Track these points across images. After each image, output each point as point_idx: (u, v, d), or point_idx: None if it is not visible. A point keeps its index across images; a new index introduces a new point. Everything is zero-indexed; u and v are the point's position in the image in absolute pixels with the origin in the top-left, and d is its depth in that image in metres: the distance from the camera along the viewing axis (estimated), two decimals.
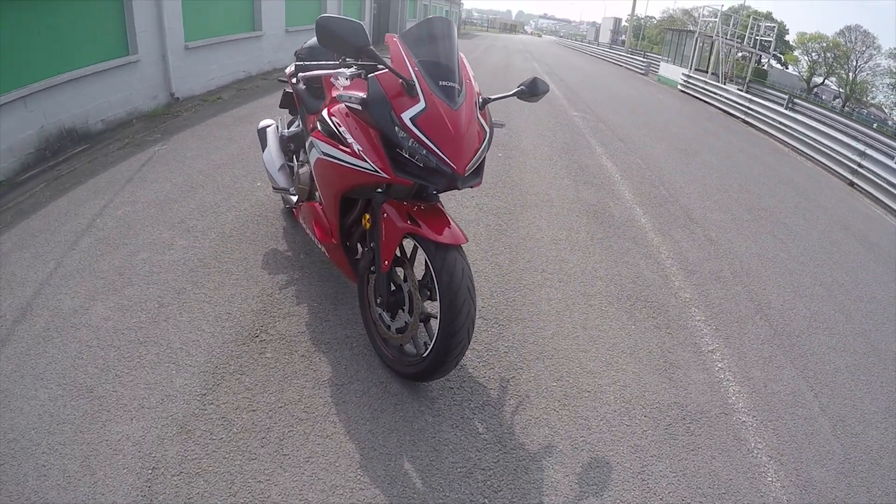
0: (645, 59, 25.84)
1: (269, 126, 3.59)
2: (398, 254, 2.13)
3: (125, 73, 5.89)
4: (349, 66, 2.08)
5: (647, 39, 43.36)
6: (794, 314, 3.61)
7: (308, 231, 2.86)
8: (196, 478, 1.80)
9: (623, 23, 46.76)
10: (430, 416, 2.16)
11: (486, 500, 1.83)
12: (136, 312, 2.63)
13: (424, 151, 1.84)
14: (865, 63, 37.68)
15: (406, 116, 1.85)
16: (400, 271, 2.22)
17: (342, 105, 2.13)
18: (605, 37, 47.71)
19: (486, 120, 2.09)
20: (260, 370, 2.31)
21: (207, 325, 2.58)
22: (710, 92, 15.35)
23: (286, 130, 3.42)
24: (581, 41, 51.69)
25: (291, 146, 3.43)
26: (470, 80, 2.05)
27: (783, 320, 3.49)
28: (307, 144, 2.51)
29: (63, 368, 2.23)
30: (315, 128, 2.59)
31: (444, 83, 1.91)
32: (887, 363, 3.29)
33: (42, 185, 4.11)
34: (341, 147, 2.10)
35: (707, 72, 18.39)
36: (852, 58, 37.77)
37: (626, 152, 7.28)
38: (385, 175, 1.93)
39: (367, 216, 2.20)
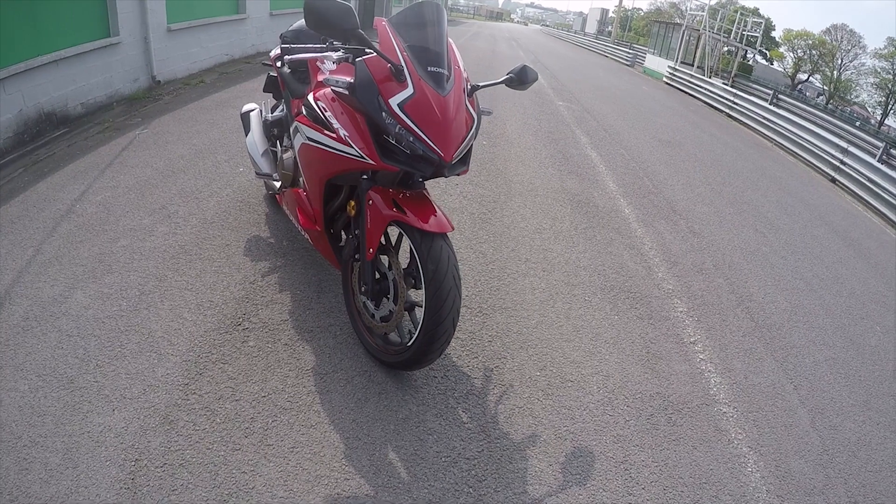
0: (631, 51, 25.91)
1: (252, 110, 3.51)
2: (383, 241, 2.10)
3: (106, 55, 5.73)
4: (336, 50, 2.03)
5: (633, 31, 43.46)
6: (775, 307, 3.67)
7: (291, 218, 2.82)
8: (180, 469, 1.78)
9: (610, 13, 46.75)
10: (415, 405, 2.15)
11: (470, 489, 1.84)
12: (117, 300, 2.57)
13: (412, 138, 1.81)
14: (850, 62, 38.31)
15: (394, 102, 1.82)
16: (385, 259, 2.19)
17: (328, 89, 2.09)
18: (591, 27, 47.74)
19: (473, 107, 2.06)
20: (243, 359, 2.28)
21: (189, 313, 2.54)
22: (696, 85, 15.46)
23: (270, 115, 3.36)
24: (567, 31, 51.63)
25: (275, 131, 3.36)
26: (458, 67, 2.02)
27: (764, 313, 3.55)
28: (292, 129, 2.46)
29: (43, 359, 2.18)
30: (300, 112, 2.54)
31: (432, 69, 1.88)
32: (865, 357, 3.37)
33: (20, 169, 4.01)
34: (327, 132, 2.06)
35: (693, 65, 18.49)
36: (837, 56, 38.32)
37: (611, 143, 7.30)
38: (371, 161, 1.90)
39: (352, 203, 2.17)
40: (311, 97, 2.21)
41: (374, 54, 1.90)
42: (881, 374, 3.24)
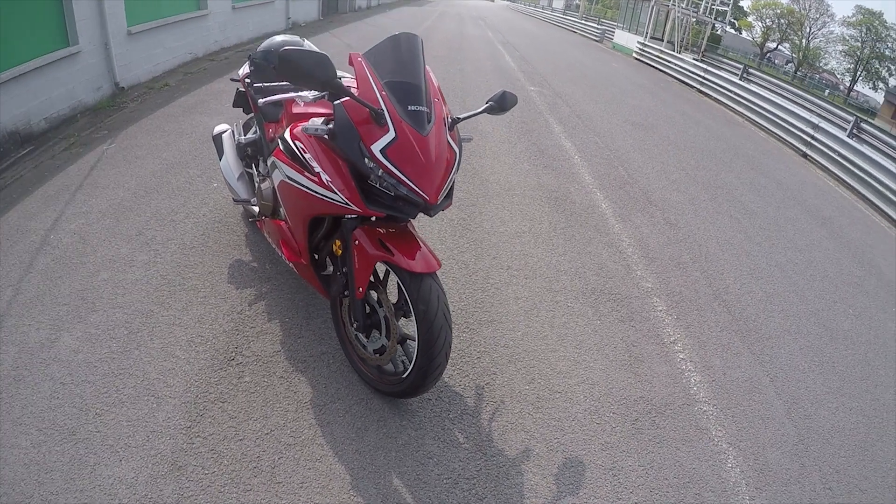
0: (599, 26, 26.03)
1: (224, 132, 3.51)
2: (372, 279, 2.17)
3: (66, 65, 5.62)
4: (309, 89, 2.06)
5: (601, 3, 43.46)
6: (751, 298, 3.88)
7: (274, 246, 2.86)
8: None
9: None
10: (413, 429, 2.28)
11: None
12: (106, 342, 2.58)
13: (395, 182, 1.87)
14: (819, 30, 39.14)
15: (376, 148, 1.85)
16: (374, 293, 2.26)
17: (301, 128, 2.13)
18: (558, 2, 47.63)
19: (455, 140, 2.09)
20: (241, 396, 2.36)
21: (181, 350, 2.57)
22: (666, 61, 15.69)
23: (242, 137, 3.35)
24: (534, 6, 51.39)
25: (248, 151, 3.37)
26: (439, 101, 2.05)
27: (740, 305, 3.75)
28: (269, 162, 2.49)
29: (40, 410, 2.20)
30: (275, 141, 2.56)
31: (412, 108, 1.91)
32: (838, 342, 3.60)
33: None
34: (307, 174, 2.10)
35: (663, 40, 18.69)
36: (806, 24, 39.03)
37: (585, 130, 7.45)
38: (356, 208, 1.95)
39: (338, 242, 2.22)
40: (287, 135, 2.24)
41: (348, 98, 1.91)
42: (853, 358, 3.47)
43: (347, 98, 1.91)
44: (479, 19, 27.98)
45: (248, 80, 3.22)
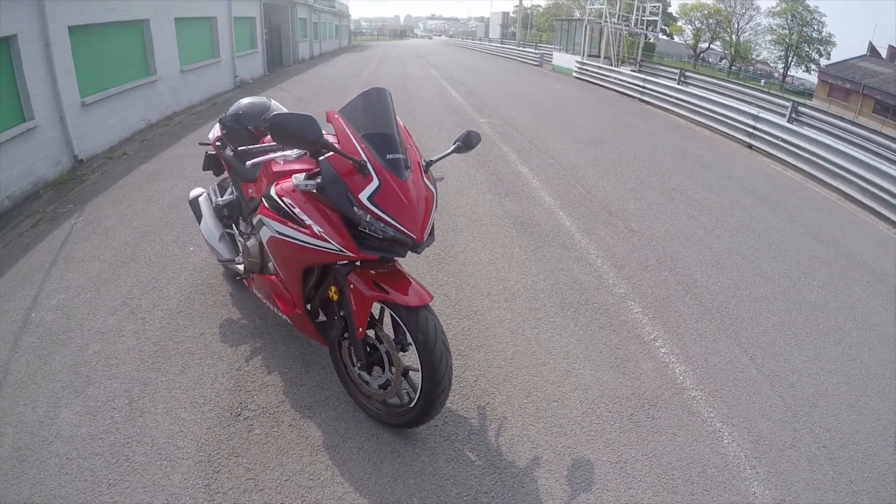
0: (537, 51, 27.14)
1: (200, 196, 3.62)
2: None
3: (24, 141, 5.69)
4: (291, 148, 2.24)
5: (535, 28, 45.28)
6: (719, 287, 4.14)
7: (266, 302, 2.95)
8: None
9: (511, 14, 48.57)
10: (426, 456, 2.39)
11: None
12: (108, 413, 2.61)
13: (383, 225, 2.04)
14: (747, 24, 41.35)
15: (363, 196, 2.03)
16: (371, 332, 2.39)
17: (288, 184, 2.28)
18: (494, 32, 49.63)
19: (430, 181, 2.29)
20: (254, 448, 2.42)
21: (185, 412, 2.62)
22: (605, 76, 16.49)
23: (220, 199, 3.47)
24: (472, 39, 53.19)
25: (225, 212, 3.49)
26: (412, 147, 2.25)
27: (710, 295, 4.00)
28: (255, 221, 2.62)
29: (50, 488, 2.20)
30: (256, 203, 2.69)
31: (390, 156, 2.08)
32: (808, 314, 3.87)
33: None
34: (298, 227, 2.24)
35: (599, 56, 19.65)
36: (733, 21, 41.29)
37: (538, 154, 7.77)
38: (351, 254, 2.11)
39: (334, 289, 2.35)
40: (273, 192, 2.38)
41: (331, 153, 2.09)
42: (825, 326, 3.74)
43: (331, 153, 2.09)
44: (420, 58, 28.76)
45: (218, 143, 3.35)
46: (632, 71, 16.35)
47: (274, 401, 2.71)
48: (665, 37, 44.16)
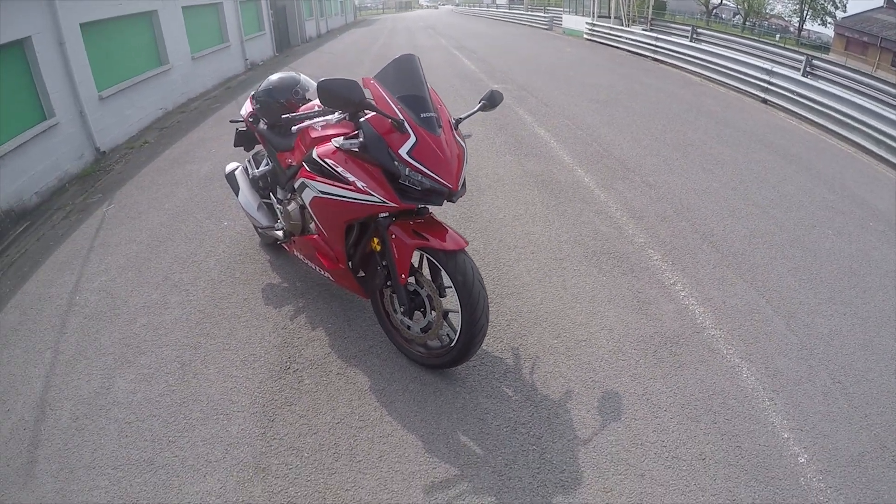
0: (546, 14, 26.65)
1: (235, 169, 3.81)
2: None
3: (47, 138, 5.89)
4: (332, 112, 2.41)
5: None
6: (735, 235, 4.24)
7: (308, 262, 3.14)
8: None
9: None
10: (466, 393, 2.59)
11: (533, 447, 2.30)
12: (161, 378, 2.78)
13: (421, 177, 2.22)
14: None
15: (402, 151, 2.21)
16: (411, 278, 2.56)
17: (330, 146, 2.45)
18: None
19: (460, 137, 2.48)
20: (305, 397, 2.62)
21: (237, 370, 2.81)
22: (617, 36, 16.21)
23: (256, 170, 3.64)
24: (480, 6, 52.15)
25: (261, 183, 3.67)
26: (441, 107, 2.41)
27: (726, 243, 4.11)
28: (297, 184, 2.79)
29: (112, 450, 2.36)
30: (295, 169, 2.88)
31: (424, 115, 2.27)
32: (822, 260, 3.95)
33: None
34: (341, 185, 2.41)
35: (610, 17, 19.28)
36: None
37: (554, 115, 7.82)
38: (393, 204, 2.28)
39: (376, 240, 2.54)
40: (315, 155, 2.55)
41: (372, 113, 2.28)
42: (840, 271, 3.82)
43: (371, 115, 2.28)
44: (428, 28, 28.50)
45: (251, 119, 3.51)
46: (643, 30, 16.07)
47: (320, 353, 2.92)
48: None
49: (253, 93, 3.46)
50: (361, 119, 2.33)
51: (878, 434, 2.44)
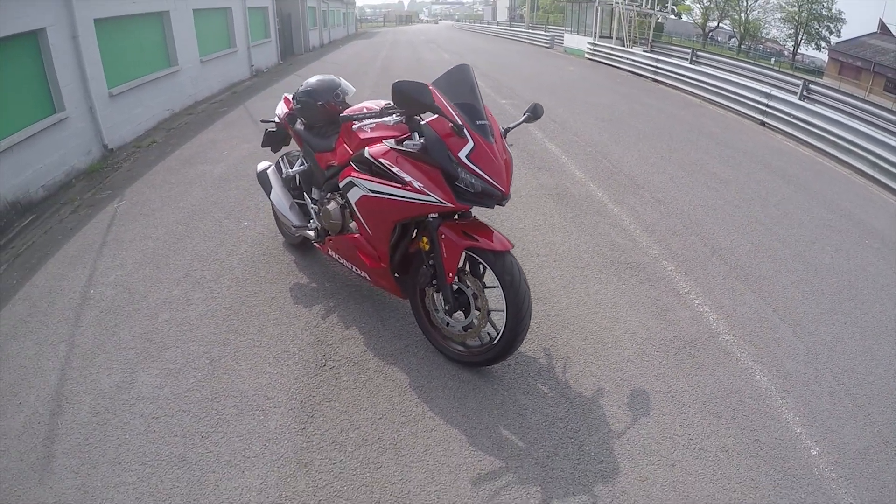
0: (548, 33, 27.18)
1: (267, 168, 3.87)
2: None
3: (56, 132, 5.89)
4: (390, 114, 2.57)
5: (541, 10, 44.97)
6: (741, 250, 4.46)
7: (344, 261, 3.22)
8: (337, 501, 2.10)
9: None
10: (504, 389, 2.73)
11: (572, 440, 2.45)
12: (190, 372, 2.75)
13: (475, 180, 2.36)
14: (755, 2, 40.74)
15: (462, 155, 2.36)
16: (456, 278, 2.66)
17: (382, 147, 2.59)
18: (502, 15, 49.20)
19: (507, 146, 2.63)
20: (345, 393, 2.67)
21: (270, 366, 2.82)
22: (618, 57, 16.64)
23: (290, 170, 3.70)
24: (480, 22, 52.84)
25: (294, 182, 3.74)
26: (492, 116, 2.56)
27: (734, 256, 4.33)
28: (343, 184, 2.89)
29: (138, 446, 2.30)
30: (338, 170, 2.98)
31: (479, 122, 2.42)
32: (822, 274, 4.20)
33: (3, 266, 4.09)
34: (395, 184, 2.53)
35: (611, 38, 19.77)
36: None
37: (562, 132, 8.05)
38: (450, 205, 2.42)
39: (425, 239, 2.65)
40: (368, 154, 2.66)
41: (435, 117, 2.43)
42: (839, 284, 4.06)
43: (433, 118, 2.44)
44: (430, 42, 28.83)
45: (287, 119, 3.59)
46: (644, 51, 16.50)
47: (356, 351, 2.98)
48: (673, 16, 43.74)
49: (294, 94, 3.53)
50: (422, 122, 2.48)
51: (880, 431, 2.66)
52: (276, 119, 3.79)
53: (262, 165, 3.93)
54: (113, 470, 2.19)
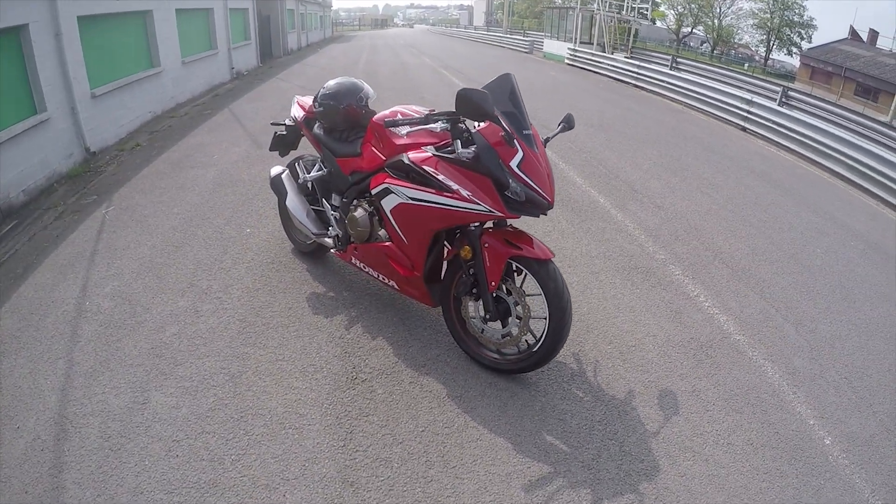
0: (527, 38, 27.50)
1: (282, 173, 3.74)
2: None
3: (37, 133, 5.65)
4: (435, 121, 2.56)
5: (516, 15, 45.49)
6: (741, 253, 4.69)
7: (370, 269, 3.18)
8: None
9: (495, 1, 48.59)
10: (542, 396, 2.81)
11: (613, 442, 2.56)
12: (209, 390, 2.61)
13: (521, 188, 2.42)
14: (728, 8, 41.97)
15: (513, 164, 2.40)
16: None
17: (423, 153, 2.62)
18: (479, 19, 49.59)
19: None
20: (382, 406, 2.62)
21: (297, 381, 2.72)
22: (598, 62, 17.01)
23: (308, 175, 3.53)
24: (456, 27, 53.02)
25: (310, 188, 3.64)
26: (533, 126, 2.58)
27: (734, 259, 4.55)
28: (376, 190, 2.85)
29: (161, 472, 2.16)
30: (363, 175, 2.98)
31: (525, 132, 2.46)
32: (816, 275, 4.46)
33: None
34: (439, 192, 2.54)
35: (592, 43, 20.19)
36: (716, 5, 41.93)
37: (556, 138, 8.12)
38: (499, 213, 2.46)
39: (467, 248, 2.64)
40: (408, 161, 2.65)
41: (486, 125, 2.47)
42: (831, 285, 4.33)
43: (484, 126, 2.48)
44: (410, 47, 28.67)
45: (305, 122, 3.56)
46: (625, 57, 16.89)
47: (387, 363, 2.92)
48: (648, 22, 44.73)
49: (315, 96, 3.42)
50: (473, 130, 2.52)
51: (882, 420, 2.90)
52: (290, 122, 3.73)
53: (275, 170, 3.80)
54: (135, 500, 2.06)
